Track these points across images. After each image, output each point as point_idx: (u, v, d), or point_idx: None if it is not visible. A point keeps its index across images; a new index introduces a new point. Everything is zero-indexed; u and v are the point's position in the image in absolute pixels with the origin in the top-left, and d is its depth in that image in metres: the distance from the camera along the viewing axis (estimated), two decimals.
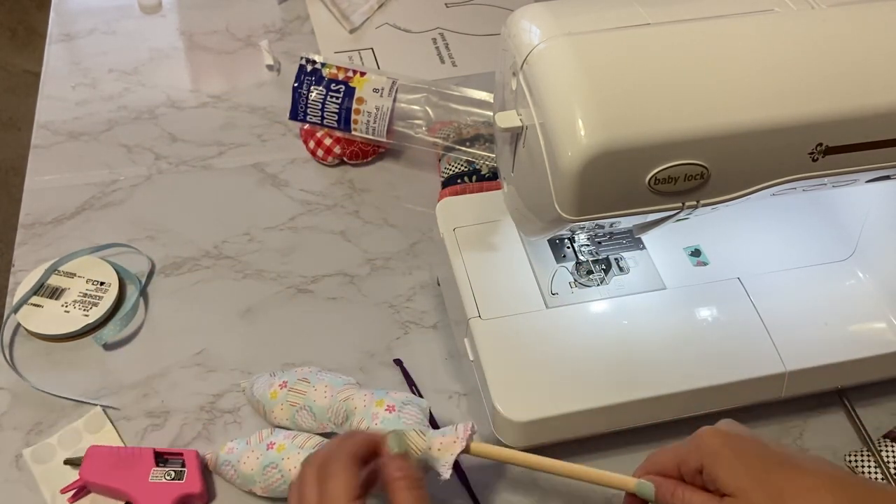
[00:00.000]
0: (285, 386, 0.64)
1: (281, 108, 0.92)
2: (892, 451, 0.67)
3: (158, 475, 0.61)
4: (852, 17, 0.53)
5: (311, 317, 0.75)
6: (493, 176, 0.82)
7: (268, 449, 0.61)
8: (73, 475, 0.63)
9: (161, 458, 0.62)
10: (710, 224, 0.72)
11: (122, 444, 0.66)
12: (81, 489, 0.62)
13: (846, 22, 0.53)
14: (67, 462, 0.64)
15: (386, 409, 0.60)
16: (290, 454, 0.60)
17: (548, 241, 0.70)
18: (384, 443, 0.53)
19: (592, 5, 0.55)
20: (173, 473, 0.61)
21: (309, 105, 0.84)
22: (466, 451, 0.56)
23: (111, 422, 0.67)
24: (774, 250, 0.72)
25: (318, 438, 0.62)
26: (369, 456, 0.53)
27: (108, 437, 0.66)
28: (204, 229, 0.81)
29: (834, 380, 0.68)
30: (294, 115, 0.86)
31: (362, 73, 0.85)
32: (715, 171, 0.51)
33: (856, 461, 0.67)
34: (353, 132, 0.84)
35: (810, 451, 0.68)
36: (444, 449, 0.56)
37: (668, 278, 0.69)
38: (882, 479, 0.65)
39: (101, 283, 0.74)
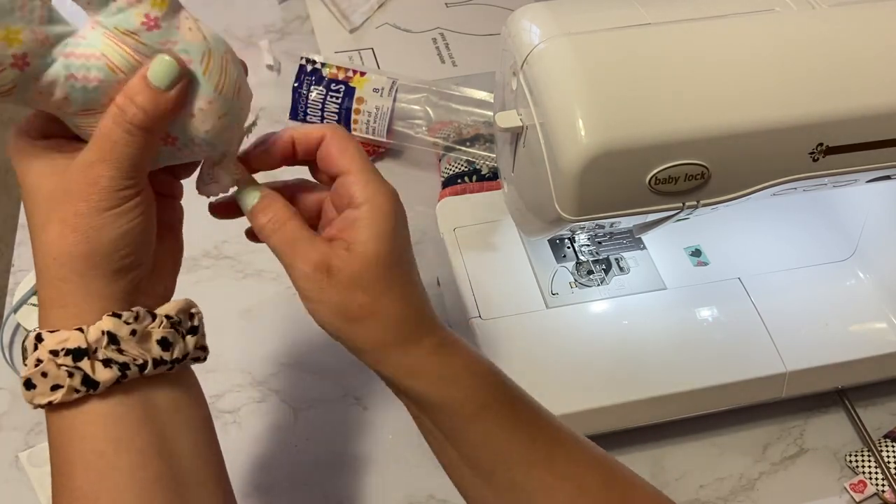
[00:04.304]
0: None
1: (281, 107, 0.92)
2: (893, 451, 0.67)
3: None
4: (852, 17, 0.53)
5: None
6: (493, 176, 0.82)
7: None
8: None
9: None
10: (711, 224, 0.72)
11: None
12: None
13: (846, 22, 0.53)
14: None
15: None
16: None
17: (548, 241, 0.70)
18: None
19: (592, 5, 0.55)
20: None
21: (309, 105, 0.84)
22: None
23: None
24: (775, 250, 0.72)
25: None
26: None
27: None
28: (204, 229, 0.80)
29: (834, 380, 0.68)
30: (294, 115, 0.86)
31: (362, 73, 0.85)
32: (715, 171, 0.51)
33: (856, 461, 0.67)
34: (353, 132, 0.84)
35: (810, 451, 0.68)
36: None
37: (668, 278, 0.69)
38: (882, 479, 0.65)
39: None
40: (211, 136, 0.41)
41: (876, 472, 0.66)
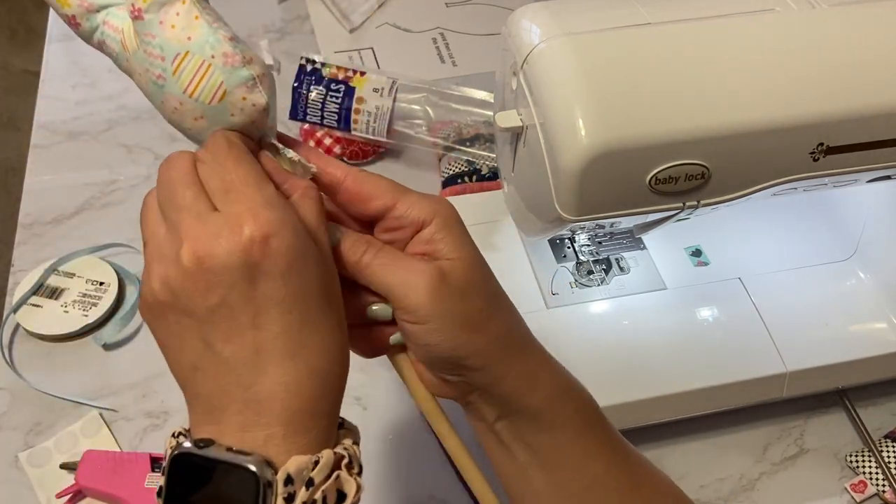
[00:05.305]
0: None
1: (280, 107, 0.92)
2: (893, 451, 0.67)
3: (154, 481, 0.61)
4: (853, 17, 0.53)
5: None
6: (493, 176, 0.82)
7: None
8: (69, 479, 0.62)
9: (157, 463, 0.62)
10: (711, 224, 0.72)
11: (118, 449, 0.65)
12: (77, 494, 0.62)
13: (847, 22, 0.53)
14: (63, 466, 0.63)
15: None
16: None
17: (548, 241, 0.70)
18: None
19: (592, 5, 0.55)
20: None
21: (309, 105, 0.84)
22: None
23: (108, 425, 0.67)
24: (775, 250, 0.72)
25: None
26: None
27: (105, 442, 0.66)
28: None
29: (834, 380, 0.68)
30: (294, 115, 0.86)
31: (362, 73, 0.84)
32: (716, 171, 0.51)
33: (856, 461, 0.67)
34: (353, 132, 0.84)
35: (811, 452, 0.68)
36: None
37: (668, 278, 0.69)
38: (883, 479, 0.65)
39: (101, 283, 0.74)
40: (194, 133, 0.41)
41: (876, 473, 0.66)
